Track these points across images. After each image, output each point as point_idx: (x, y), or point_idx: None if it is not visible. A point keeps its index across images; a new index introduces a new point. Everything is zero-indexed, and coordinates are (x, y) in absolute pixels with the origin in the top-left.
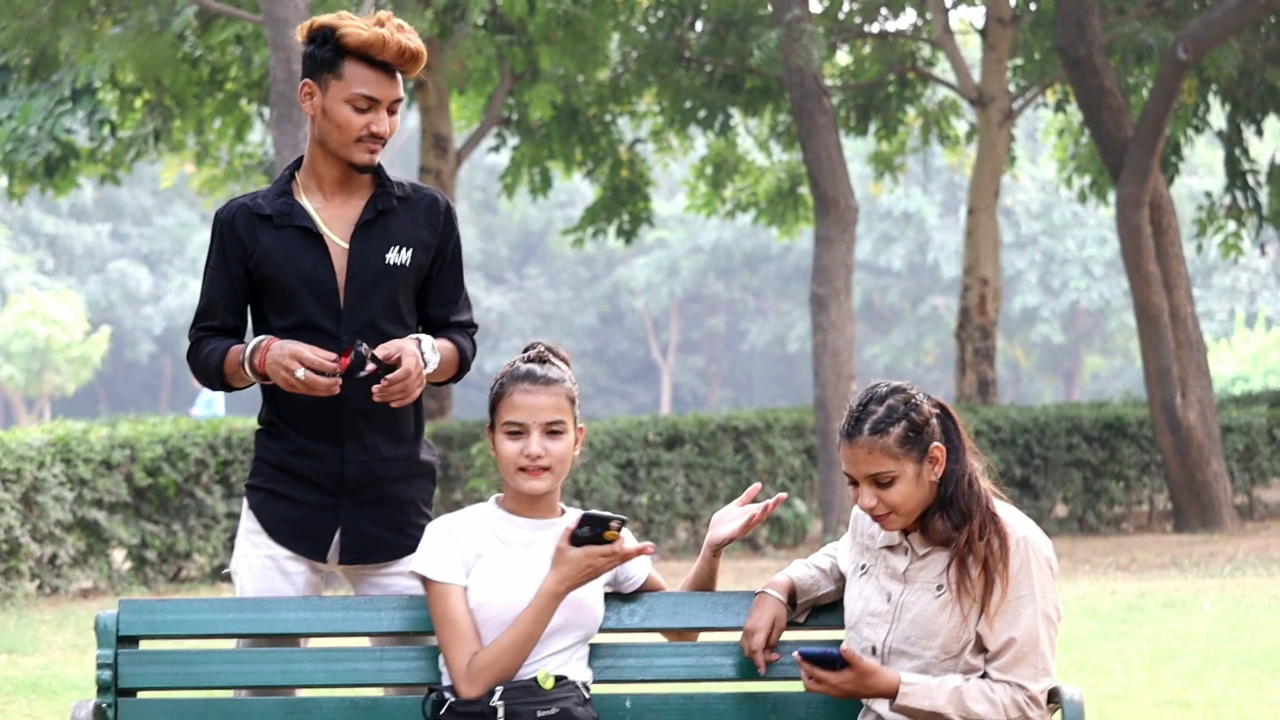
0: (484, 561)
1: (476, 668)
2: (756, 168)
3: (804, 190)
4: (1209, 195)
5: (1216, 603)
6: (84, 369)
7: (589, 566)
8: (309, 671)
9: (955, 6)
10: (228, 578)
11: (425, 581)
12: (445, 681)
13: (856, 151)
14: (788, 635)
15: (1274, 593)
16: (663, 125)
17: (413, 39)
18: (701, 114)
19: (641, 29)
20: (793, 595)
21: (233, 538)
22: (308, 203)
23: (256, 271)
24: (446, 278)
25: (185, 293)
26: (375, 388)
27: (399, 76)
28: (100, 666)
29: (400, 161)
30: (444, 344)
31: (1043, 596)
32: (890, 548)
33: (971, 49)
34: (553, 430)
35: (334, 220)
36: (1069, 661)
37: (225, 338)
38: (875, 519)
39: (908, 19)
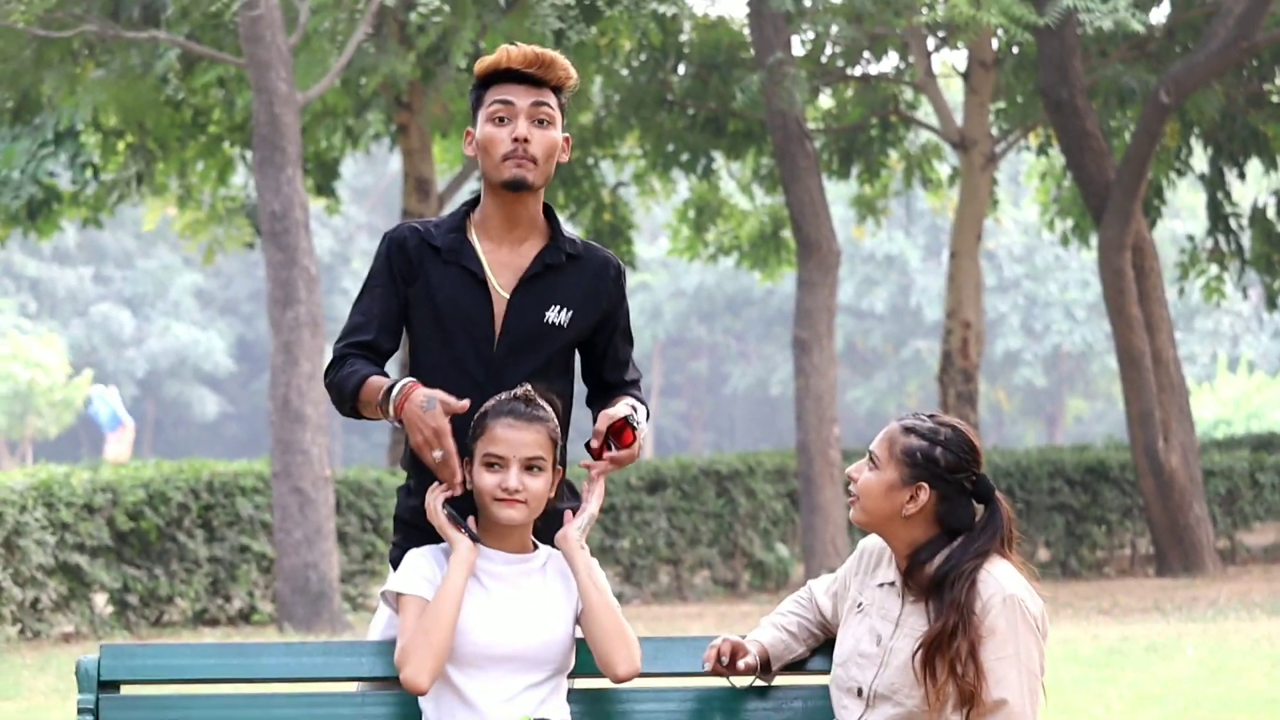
0: None
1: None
2: (739, 211)
3: (786, 233)
4: (1191, 239)
5: (1198, 647)
6: (66, 412)
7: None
8: (290, 717)
9: (938, 50)
10: (210, 622)
11: (397, 599)
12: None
13: (839, 195)
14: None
15: (1256, 636)
16: (645, 168)
17: (542, 48)
18: (684, 157)
19: (624, 72)
20: (765, 660)
21: (214, 582)
22: (479, 244)
23: (415, 300)
24: (620, 342)
25: (168, 336)
26: (599, 464)
27: (545, 88)
28: (81, 711)
29: (383, 205)
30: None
31: (1026, 654)
32: (886, 585)
33: (954, 92)
34: (532, 466)
35: (501, 268)
36: (1051, 706)
37: (373, 357)
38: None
39: (890, 62)
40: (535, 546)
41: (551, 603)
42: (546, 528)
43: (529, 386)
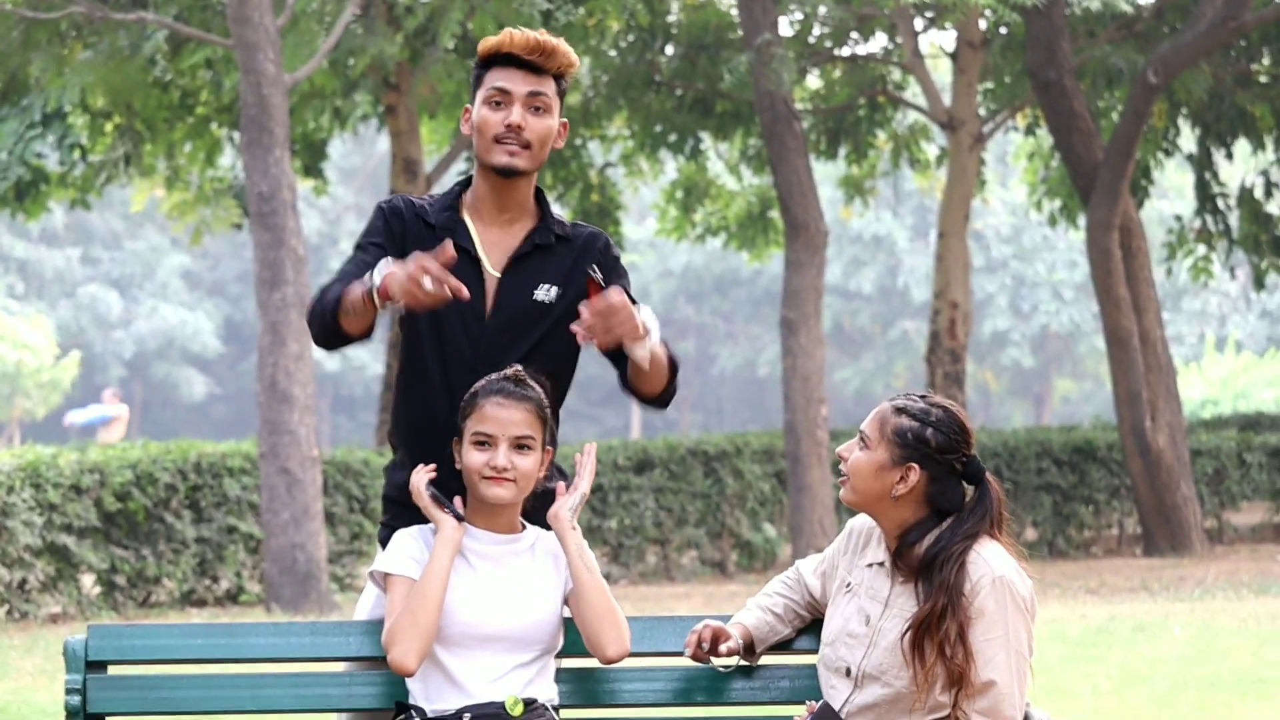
0: None
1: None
2: (727, 192)
3: (774, 214)
4: (1179, 219)
5: (1186, 626)
6: (54, 393)
7: None
8: (277, 697)
9: (925, 30)
10: (198, 603)
11: (385, 579)
12: (412, 700)
13: (827, 175)
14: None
15: (1243, 616)
16: (633, 149)
17: (545, 34)
18: (672, 138)
19: (612, 53)
20: (749, 643)
21: (202, 562)
22: (471, 224)
23: None
24: None
25: (155, 317)
26: (583, 317)
27: (545, 76)
28: (69, 692)
29: (371, 185)
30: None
31: (1015, 636)
32: (875, 566)
33: (942, 73)
34: (521, 445)
35: (492, 247)
36: (1038, 685)
37: None
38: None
39: (878, 43)
40: (524, 527)
41: (540, 583)
42: (536, 508)
43: (519, 367)
